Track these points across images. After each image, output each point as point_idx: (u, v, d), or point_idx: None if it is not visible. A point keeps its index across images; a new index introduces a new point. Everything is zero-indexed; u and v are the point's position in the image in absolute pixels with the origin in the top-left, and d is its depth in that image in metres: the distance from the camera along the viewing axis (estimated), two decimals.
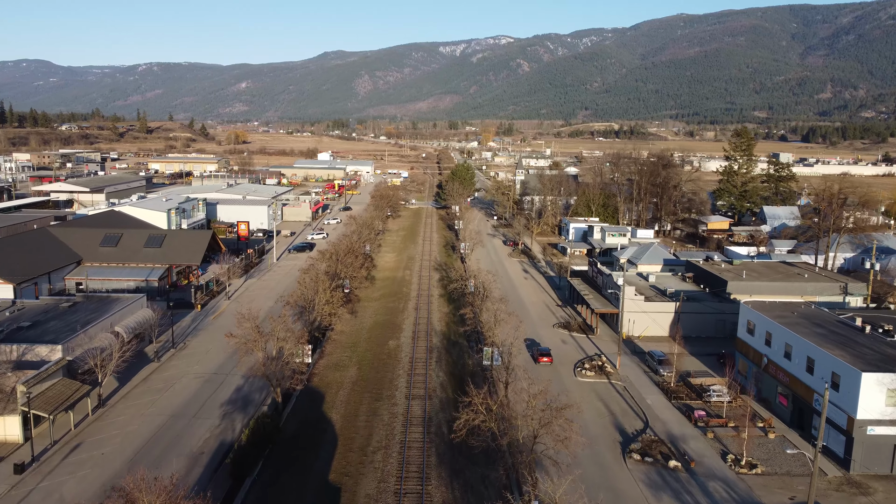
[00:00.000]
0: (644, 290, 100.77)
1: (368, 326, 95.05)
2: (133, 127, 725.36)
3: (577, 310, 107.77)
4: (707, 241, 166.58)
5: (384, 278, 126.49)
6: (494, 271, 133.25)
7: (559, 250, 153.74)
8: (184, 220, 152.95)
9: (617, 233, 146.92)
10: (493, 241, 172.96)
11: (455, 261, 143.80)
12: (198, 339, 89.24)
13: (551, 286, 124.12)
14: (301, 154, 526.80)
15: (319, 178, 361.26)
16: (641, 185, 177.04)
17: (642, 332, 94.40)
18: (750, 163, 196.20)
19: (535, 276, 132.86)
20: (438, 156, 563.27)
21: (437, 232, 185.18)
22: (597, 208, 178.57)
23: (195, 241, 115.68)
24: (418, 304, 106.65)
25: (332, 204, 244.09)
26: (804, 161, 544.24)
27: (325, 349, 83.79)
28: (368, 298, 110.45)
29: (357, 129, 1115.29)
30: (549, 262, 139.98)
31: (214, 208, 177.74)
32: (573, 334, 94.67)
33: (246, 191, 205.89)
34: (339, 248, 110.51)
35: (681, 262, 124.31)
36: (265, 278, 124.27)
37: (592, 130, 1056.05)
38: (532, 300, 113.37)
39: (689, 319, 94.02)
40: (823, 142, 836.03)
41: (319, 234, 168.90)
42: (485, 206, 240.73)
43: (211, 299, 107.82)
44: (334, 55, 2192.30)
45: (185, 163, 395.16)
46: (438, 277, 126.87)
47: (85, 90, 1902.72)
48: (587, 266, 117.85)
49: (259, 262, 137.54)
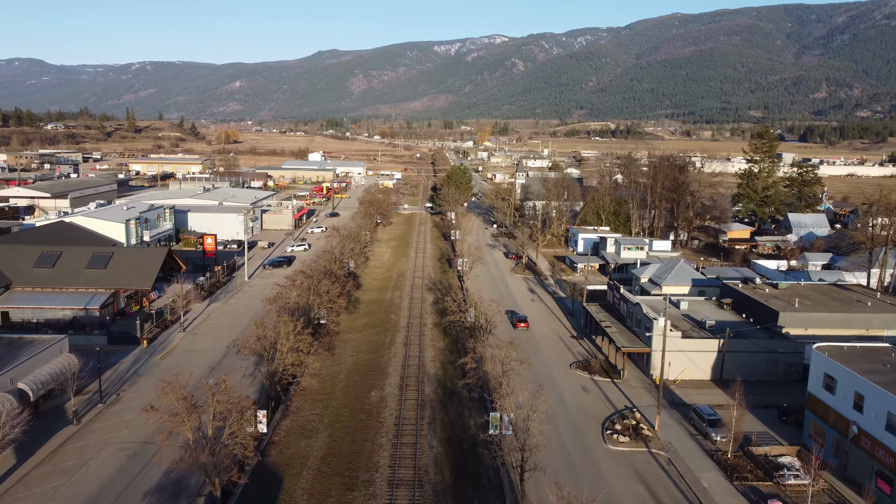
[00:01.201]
0: (677, 321, 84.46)
1: (347, 369, 78.33)
2: (121, 126, 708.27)
3: (595, 342, 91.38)
4: (730, 253, 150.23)
5: (370, 301, 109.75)
6: (497, 293, 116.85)
7: (568, 265, 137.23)
8: (146, 231, 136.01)
9: (633, 246, 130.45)
10: (493, 252, 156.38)
11: (451, 277, 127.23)
12: (136, 387, 72.46)
13: (563, 310, 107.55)
14: (291, 154, 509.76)
15: (308, 179, 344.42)
16: (656, 190, 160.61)
17: (679, 376, 78.00)
18: (772, 166, 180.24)
19: (542, 297, 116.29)
20: (433, 156, 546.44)
21: (432, 242, 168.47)
22: (607, 216, 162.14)
23: (147, 261, 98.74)
24: (408, 336, 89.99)
25: (319, 209, 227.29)
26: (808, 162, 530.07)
27: (292, 404, 67.02)
28: (350, 328, 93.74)
29: (351, 129, 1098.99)
30: (559, 282, 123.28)
31: (185, 216, 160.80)
32: (595, 378, 78.12)
33: (223, 196, 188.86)
34: (315, 270, 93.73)
35: (712, 282, 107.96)
36: (232, 302, 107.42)
37: (588, 130, 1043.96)
38: (542, 329, 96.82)
39: (736, 359, 77.68)
40: (821, 141, 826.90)
41: (301, 246, 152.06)
42: (483, 211, 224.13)
43: (162, 331, 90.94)
44: (329, 54, 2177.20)
45: (167, 164, 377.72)
46: (432, 300, 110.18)
47: (78, 89, 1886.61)
48: (606, 287, 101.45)
49: (228, 280, 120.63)
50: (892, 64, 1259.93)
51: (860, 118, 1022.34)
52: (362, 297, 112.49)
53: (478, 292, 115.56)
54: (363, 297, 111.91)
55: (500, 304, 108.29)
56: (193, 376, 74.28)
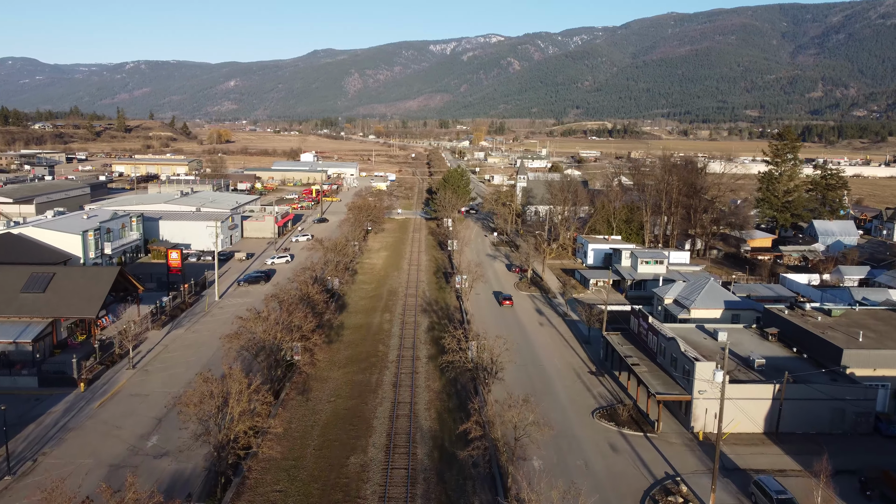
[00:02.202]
0: (714, 356, 70.93)
1: (324, 420, 64.41)
2: (111, 126, 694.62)
3: (618, 379, 77.73)
4: (755, 266, 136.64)
5: (356, 326, 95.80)
6: (500, 314, 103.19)
7: (578, 280, 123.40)
8: (108, 242, 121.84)
9: (652, 259, 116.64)
10: (493, 264, 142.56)
11: (449, 295, 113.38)
12: (62, 449, 58.51)
13: (576, 336, 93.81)
14: (283, 155, 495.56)
15: (299, 181, 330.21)
16: (671, 195, 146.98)
17: (726, 429, 64.38)
18: (794, 168, 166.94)
19: (552, 319, 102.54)
20: (429, 156, 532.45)
21: (427, 252, 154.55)
22: (618, 224, 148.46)
23: (94, 283, 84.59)
24: (399, 375, 76.10)
25: (307, 214, 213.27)
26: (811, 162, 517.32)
27: (250, 477, 53.09)
28: (331, 364, 79.82)
29: (346, 128, 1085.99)
30: (570, 302, 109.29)
31: (156, 225, 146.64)
32: (624, 431, 64.39)
33: (202, 201, 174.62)
34: (289, 295, 79.81)
35: (747, 304, 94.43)
36: (197, 328, 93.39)
37: (585, 129, 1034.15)
38: (554, 363, 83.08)
39: (796, 409, 64.15)
40: (820, 141, 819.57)
41: (282, 258, 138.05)
42: (482, 216, 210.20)
43: (107, 368, 76.92)
44: (324, 53, 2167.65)
45: (152, 165, 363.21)
46: (427, 325, 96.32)
47: (72, 88, 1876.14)
48: (628, 311, 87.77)
49: (196, 300, 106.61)
50: (887, 63, 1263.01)
51: (856, 118, 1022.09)
52: (347, 320, 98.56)
53: (478, 314, 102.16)
54: (348, 322, 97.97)
55: (504, 325, 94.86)
56: (132, 433, 60.67)
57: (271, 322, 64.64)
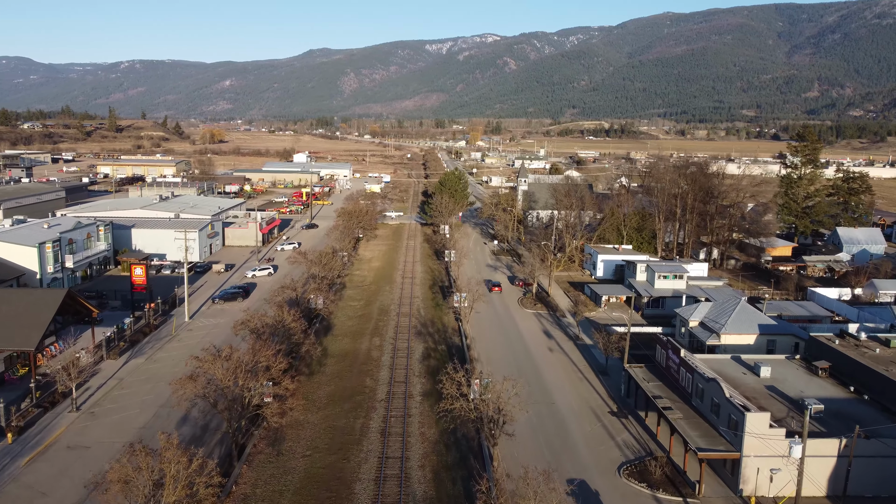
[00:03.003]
0: (761, 398, 60.06)
1: (296, 485, 52.97)
2: (102, 126, 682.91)
3: (643, 422, 66.72)
4: (779, 278, 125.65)
5: (341, 353, 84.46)
6: (504, 337, 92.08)
7: (588, 296, 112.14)
8: (70, 255, 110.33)
9: (670, 273, 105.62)
10: (494, 276, 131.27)
11: (446, 314, 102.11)
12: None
13: (591, 365, 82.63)
14: (276, 155, 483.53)
15: (290, 183, 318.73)
16: (686, 200, 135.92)
17: (781, 492, 53.38)
18: (815, 172, 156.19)
19: (562, 342, 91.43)
20: (424, 156, 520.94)
21: (422, 262, 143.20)
22: (629, 232, 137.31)
23: (35, 308, 73.11)
24: (388, 418, 64.88)
25: (296, 219, 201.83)
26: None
27: None
28: (310, 402, 68.55)
29: (341, 128, 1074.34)
30: (583, 323, 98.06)
31: (127, 233, 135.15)
32: (660, 496, 53.27)
33: (182, 206, 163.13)
34: (261, 323, 68.53)
35: (785, 328, 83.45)
36: (160, 357, 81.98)
37: (582, 129, 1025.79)
38: (568, 399, 71.95)
39: (866, 468, 53.13)
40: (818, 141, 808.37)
41: (264, 270, 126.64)
42: (480, 222, 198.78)
43: (47, 410, 65.57)
44: (320, 53, 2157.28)
45: (139, 166, 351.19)
46: (422, 352, 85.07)
47: (66, 87, 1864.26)
48: (654, 339, 76.75)
49: (163, 321, 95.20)
50: (883, 63, 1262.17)
51: (853, 117, 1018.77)
52: (332, 345, 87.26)
53: (480, 336, 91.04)
54: (333, 347, 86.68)
55: (510, 351, 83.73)
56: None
57: (233, 363, 53.33)
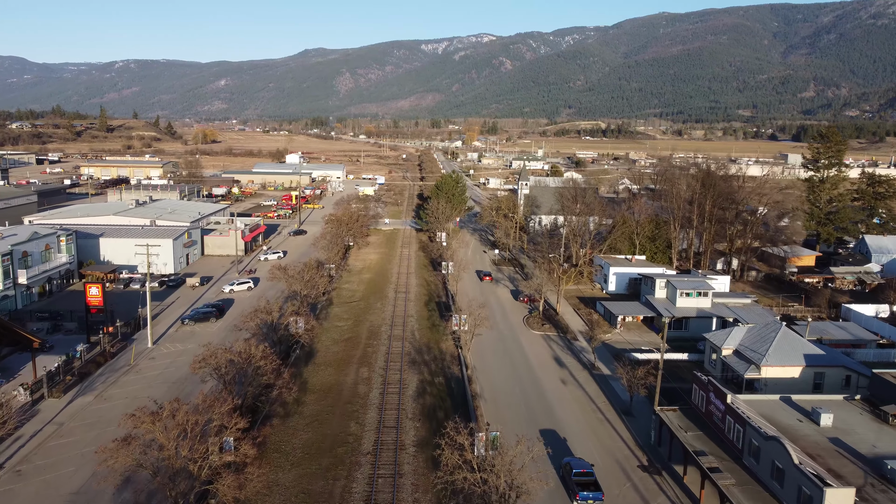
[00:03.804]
0: (828, 455, 49.11)
1: None
2: (92, 125, 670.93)
3: (681, 479, 55.64)
4: (807, 291, 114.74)
5: (322, 389, 73.14)
6: (510, 364, 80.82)
7: (601, 315, 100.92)
8: (24, 269, 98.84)
9: (694, 290, 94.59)
10: (497, 290, 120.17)
11: (443, 338, 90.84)
12: None
13: (612, 403, 71.39)
14: (269, 156, 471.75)
15: (280, 185, 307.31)
16: (705, 206, 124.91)
17: None
18: (839, 175, 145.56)
19: (576, 373, 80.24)
20: (420, 157, 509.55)
21: (417, 274, 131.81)
22: (643, 241, 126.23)
23: None
24: (374, 482, 53.49)
25: (283, 224, 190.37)
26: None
27: None
28: (281, 459, 57.29)
29: (336, 128, 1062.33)
30: (599, 350, 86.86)
31: (95, 243, 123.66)
32: None
33: (159, 212, 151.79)
34: (224, 360, 57.21)
35: (833, 358, 72.42)
36: (112, 393, 70.57)
37: (579, 129, 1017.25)
38: (588, 448, 60.75)
39: None
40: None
41: (244, 284, 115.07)
42: (479, 228, 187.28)
43: None
44: (315, 52, 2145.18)
45: (124, 167, 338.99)
46: (416, 387, 73.76)
47: (60, 87, 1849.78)
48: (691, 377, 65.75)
49: (122, 347, 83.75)
50: (878, 63, 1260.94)
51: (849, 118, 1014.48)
52: (313, 377, 75.98)
53: (482, 364, 79.89)
54: (314, 379, 75.41)
55: (517, 383, 72.54)
56: None
57: (176, 425, 42.07)
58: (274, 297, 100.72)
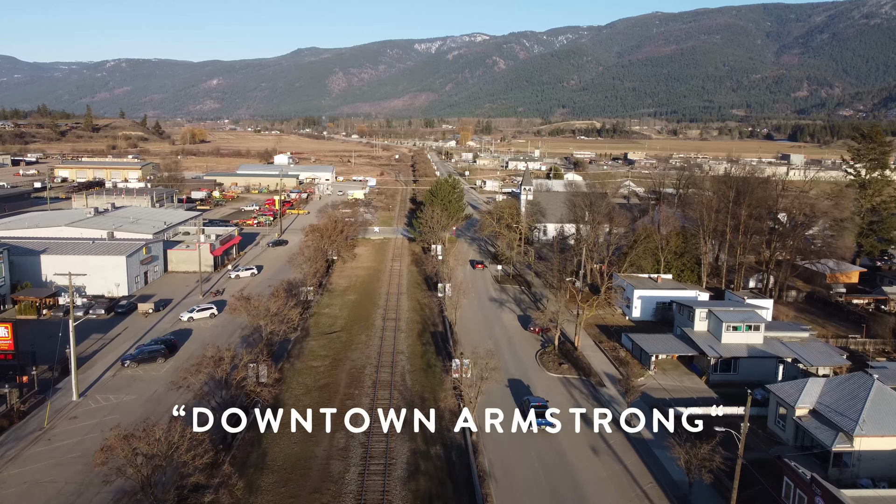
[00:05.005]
0: None
1: None
2: (77, 125, 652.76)
3: None
4: (862, 317, 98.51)
5: (284, 467, 56.28)
6: (529, 433, 63.97)
7: (630, 351, 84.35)
8: None
9: (742, 323, 78.19)
10: (501, 316, 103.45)
11: (440, 383, 74.06)
12: None
13: (660, 484, 54.79)
14: (257, 156, 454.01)
15: (265, 188, 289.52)
16: (740, 217, 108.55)
17: None
18: (883, 179, 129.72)
19: (609, 436, 63.67)
20: (413, 158, 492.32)
21: (409, 294, 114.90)
22: (668, 258, 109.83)
23: None
24: None
25: (263, 232, 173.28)
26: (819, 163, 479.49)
27: None
28: None
29: (328, 128, 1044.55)
30: (638, 404, 70.21)
31: (35, 261, 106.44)
32: None
33: (120, 221, 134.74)
34: (144, 455, 40.38)
35: None
36: (6, 476, 53.64)
37: (574, 129, 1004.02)
38: None
39: None
40: (812, 141, 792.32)
41: (206, 310, 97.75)
42: (477, 238, 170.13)
43: None
44: (308, 52, 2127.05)
45: (101, 169, 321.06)
46: (407, 461, 57.15)
47: (51, 87, 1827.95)
48: (781, 466, 49.38)
49: (36, 403, 66.68)
50: (871, 63, 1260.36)
51: (843, 117, 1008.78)
52: (274, 448, 59.20)
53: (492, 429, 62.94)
54: (275, 451, 58.67)
55: (538, 457, 55.82)
56: None
57: None
58: (234, 330, 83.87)
